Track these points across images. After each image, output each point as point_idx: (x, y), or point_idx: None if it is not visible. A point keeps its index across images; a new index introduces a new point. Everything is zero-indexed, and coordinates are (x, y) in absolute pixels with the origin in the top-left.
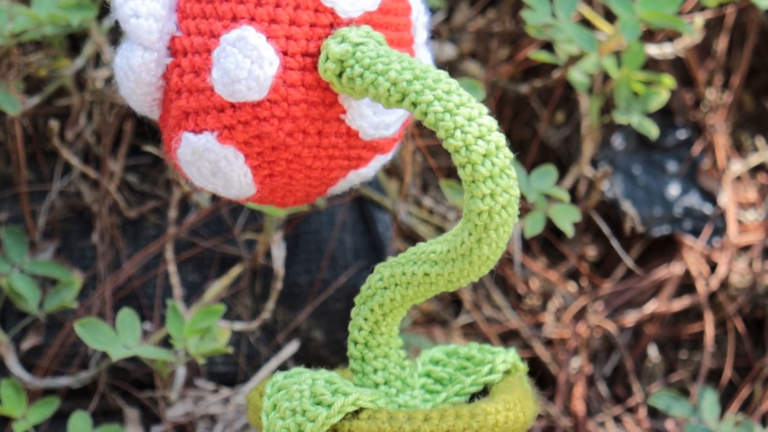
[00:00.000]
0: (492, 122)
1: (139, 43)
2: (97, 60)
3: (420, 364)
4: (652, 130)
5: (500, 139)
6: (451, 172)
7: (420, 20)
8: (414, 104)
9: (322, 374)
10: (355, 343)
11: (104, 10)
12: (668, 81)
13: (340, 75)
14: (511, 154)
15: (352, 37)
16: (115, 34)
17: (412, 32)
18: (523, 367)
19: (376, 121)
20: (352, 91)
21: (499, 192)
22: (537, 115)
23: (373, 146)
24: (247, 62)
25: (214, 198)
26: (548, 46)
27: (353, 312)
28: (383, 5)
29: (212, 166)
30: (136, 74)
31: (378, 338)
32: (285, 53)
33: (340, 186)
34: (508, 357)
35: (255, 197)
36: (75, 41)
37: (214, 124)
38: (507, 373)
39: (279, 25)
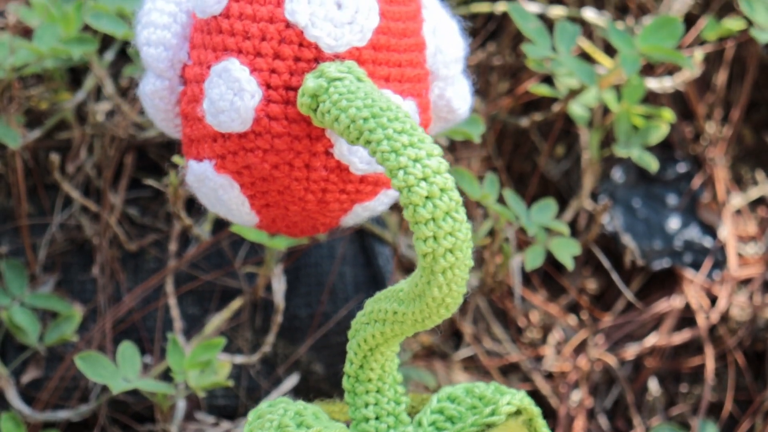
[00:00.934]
0: (440, 164)
1: (152, 70)
2: (98, 93)
3: (435, 400)
4: (652, 164)
5: (446, 181)
6: None
7: (447, 55)
8: (368, 142)
9: (297, 406)
10: (348, 376)
11: (105, 44)
12: (668, 114)
13: (315, 110)
14: (458, 198)
15: (330, 72)
16: (116, 68)
17: (426, 67)
18: (535, 411)
19: (366, 156)
20: (329, 126)
21: (442, 235)
22: (537, 148)
23: (371, 181)
24: (229, 94)
25: (215, 231)
26: (548, 80)
27: (347, 346)
28: (375, 41)
29: (213, 194)
30: (151, 101)
31: (368, 373)
32: (268, 86)
33: (349, 218)
34: (514, 399)
35: (260, 226)
36: (76, 75)
37: (210, 153)
38: (515, 414)
39: (263, 58)
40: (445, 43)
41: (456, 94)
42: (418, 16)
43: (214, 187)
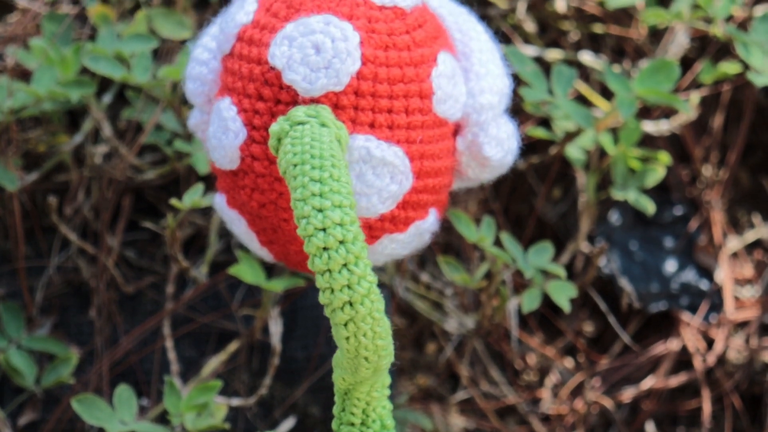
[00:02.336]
0: (344, 216)
1: (193, 104)
2: (96, 136)
3: None
4: (649, 207)
5: (346, 234)
6: (448, 248)
7: (479, 101)
8: (292, 188)
9: None
10: (334, 417)
11: (103, 87)
12: (665, 157)
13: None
14: (359, 251)
15: (296, 115)
16: (114, 110)
17: (431, 114)
18: None
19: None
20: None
21: (338, 287)
22: (534, 190)
23: (369, 223)
24: (219, 131)
25: (212, 273)
26: (545, 123)
27: None
28: (356, 87)
29: (230, 225)
30: (195, 133)
31: (350, 416)
32: (252, 126)
33: (372, 255)
34: None
35: (276, 260)
36: (74, 117)
37: (221, 187)
38: None
39: (248, 98)
40: (479, 88)
41: (488, 141)
42: (426, 62)
43: (229, 220)
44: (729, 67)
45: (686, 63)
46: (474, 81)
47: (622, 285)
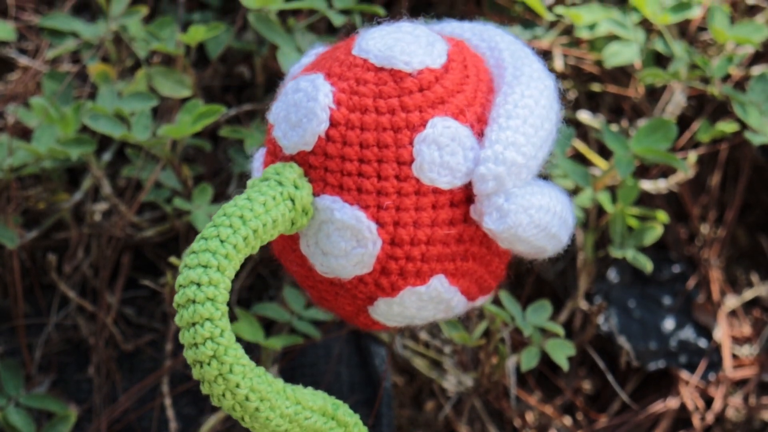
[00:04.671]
0: (210, 279)
1: None
2: (96, 193)
3: None
4: (647, 265)
5: (206, 293)
6: None
7: (479, 172)
8: None
9: None
10: None
11: (103, 145)
12: (662, 216)
13: None
14: (208, 313)
15: (267, 171)
16: (114, 168)
17: (412, 181)
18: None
19: (320, 259)
20: None
21: (198, 343)
22: None
23: (355, 286)
24: None
25: None
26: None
27: None
28: (325, 148)
29: None
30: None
31: None
32: None
33: (378, 315)
34: None
35: (315, 303)
36: (74, 175)
37: None
38: None
39: (268, 152)
40: (486, 154)
41: (487, 211)
42: (410, 126)
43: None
44: (726, 126)
45: (684, 122)
46: (488, 141)
47: (621, 343)
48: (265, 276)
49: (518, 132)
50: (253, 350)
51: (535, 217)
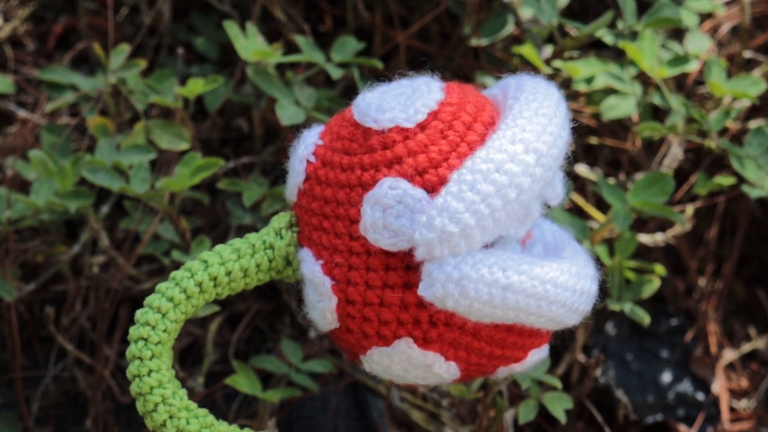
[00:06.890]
0: (157, 321)
1: None
2: (94, 246)
3: None
4: (645, 318)
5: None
6: None
7: (424, 234)
8: None
9: None
10: None
11: (101, 198)
12: (660, 269)
13: None
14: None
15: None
16: (112, 221)
17: (361, 240)
18: None
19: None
20: None
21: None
22: None
23: (346, 343)
24: None
25: (208, 384)
26: None
27: None
28: (299, 200)
29: None
30: None
31: None
32: None
33: (372, 365)
34: None
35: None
36: (72, 227)
37: None
38: None
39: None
40: (434, 211)
41: (421, 278)
42: (362, 185)
43: None
44: (723, 180)
45: (681, 175)
46: (431, 206)
47: (619, 396)
48: (262, 328)
49: (458, 198)
50: (251, 402)
51: (470, 288)
